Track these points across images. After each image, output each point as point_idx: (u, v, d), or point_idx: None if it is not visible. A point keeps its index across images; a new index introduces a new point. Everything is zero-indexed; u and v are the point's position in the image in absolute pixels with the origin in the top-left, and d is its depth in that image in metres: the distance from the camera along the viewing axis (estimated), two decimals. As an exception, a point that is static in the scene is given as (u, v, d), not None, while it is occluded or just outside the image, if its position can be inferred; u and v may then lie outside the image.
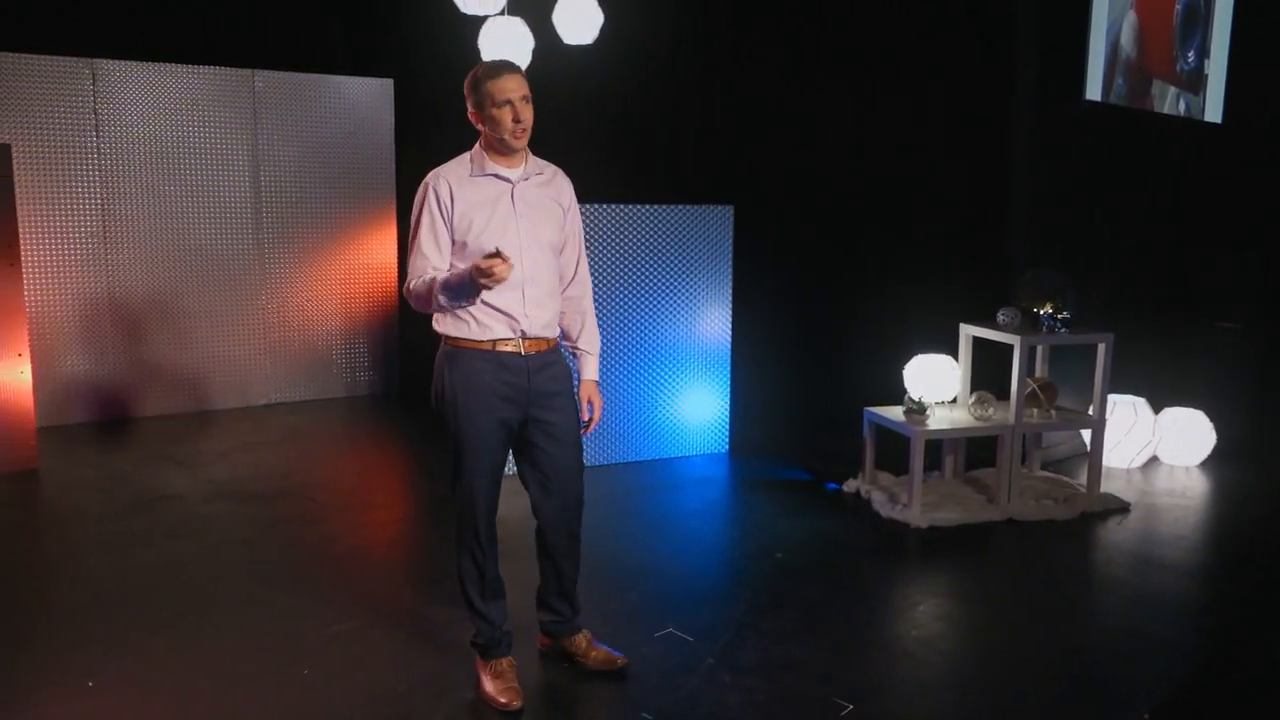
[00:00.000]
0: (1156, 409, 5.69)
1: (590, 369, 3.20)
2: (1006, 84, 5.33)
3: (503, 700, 2.98)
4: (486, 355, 2.91)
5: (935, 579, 4.16)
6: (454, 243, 2.89)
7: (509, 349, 2.92)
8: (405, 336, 7.31)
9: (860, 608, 3.77)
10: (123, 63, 6.21)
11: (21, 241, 5.56)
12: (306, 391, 7.07)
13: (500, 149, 2.90)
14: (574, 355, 3.20)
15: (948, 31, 5.66)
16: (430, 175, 2.92)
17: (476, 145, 2.95)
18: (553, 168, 3.09)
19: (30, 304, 5.93)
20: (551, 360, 3.03)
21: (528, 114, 2.86)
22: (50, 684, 3.10)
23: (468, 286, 2.73)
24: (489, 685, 3.03)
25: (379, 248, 7.18)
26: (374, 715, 2.95)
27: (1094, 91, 5.14)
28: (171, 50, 6.47)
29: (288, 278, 6.90)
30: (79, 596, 3.80)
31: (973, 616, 3.80)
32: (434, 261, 2.87)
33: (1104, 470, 5.37)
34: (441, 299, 2.82)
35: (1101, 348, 4.94)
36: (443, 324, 2.96)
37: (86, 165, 6.17)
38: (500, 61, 2.94)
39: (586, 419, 3.18)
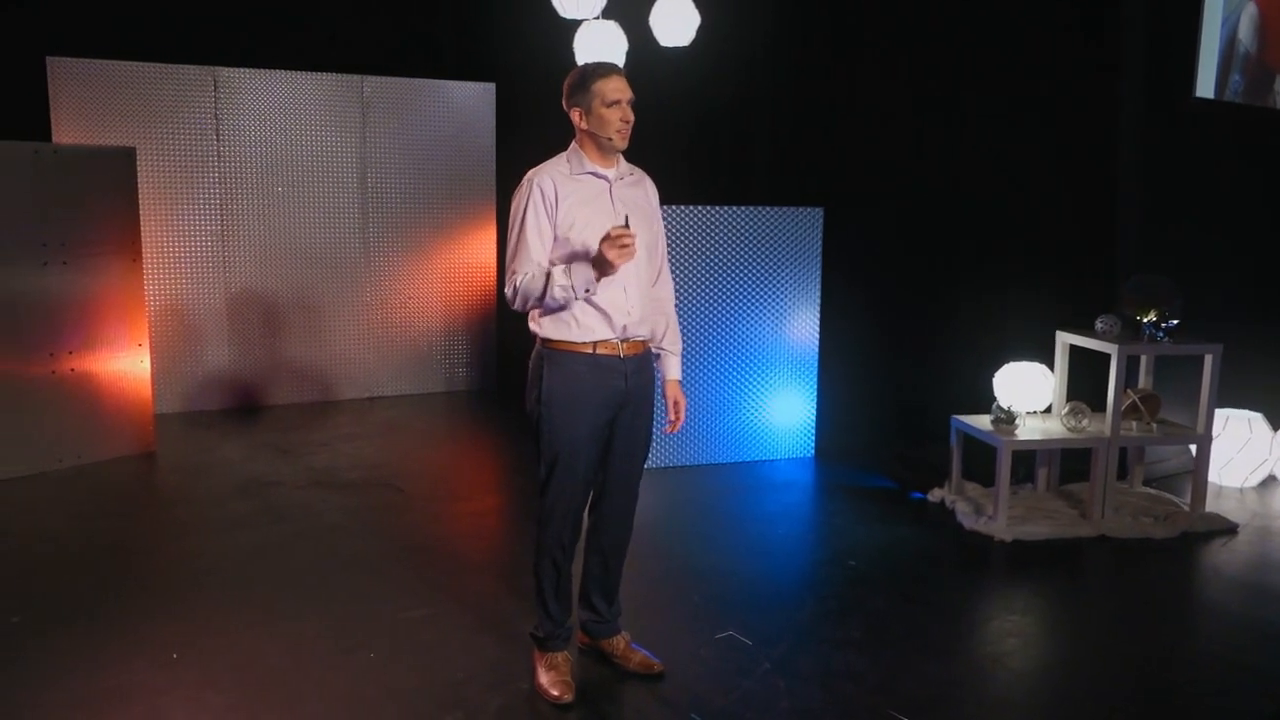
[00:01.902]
0: (1276, 426, 5.35)
1: (675, 369, 3.23)
2: (1111, 80, 5.09)
3: (554, 693, 3.02)
4: (586, 358, 2.94)
5: (1013, 594, 4.01)
6: (555, 240, 2.92)
7: (608, 351, 2.95)
8: (503, 334, 7.48)
9: (930, 619, 3.67)
10: (242, 70, 6.55)
11: (144, 239, 5.92)
12: (407, 386, 7.31)
13: (601, 148, 2.94)
14: (657, 356, 3.22)
15: (1049, 27, 5.45)
16: (531, 173, 2.96)
17: (572, 145, 3.00)
18: (639, 170, 3.13)
19: (151, 298, 6.31)
20: (646, 363, 3.09)
21: (632, 115, 2.93)
22: (138, 654, 3.30)
23: (587, 269, 2.78)
24: (543, 677, 3.08)
25: (479, 247, 7.36)
26: (431, 699, 3.04)
27: (1206, 89, 4.87)
28: (287, 58, 6.79)
29: (392, 276, 7.14)
30: (176, 573, 4.04)
31: (1050, 634, 3.66)
32: (538, 257, 2.90)
33: (1215, 489, 5.11)
34: (556, 291, 2.81)
35: (1209, 359, 4.68)
36: (541, 326, 2.97)
37: (207, 168, 6.53)
38: (607, 63, 3.00)
39: (673, 418, 3.21)
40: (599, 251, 2.76)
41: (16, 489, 5.00)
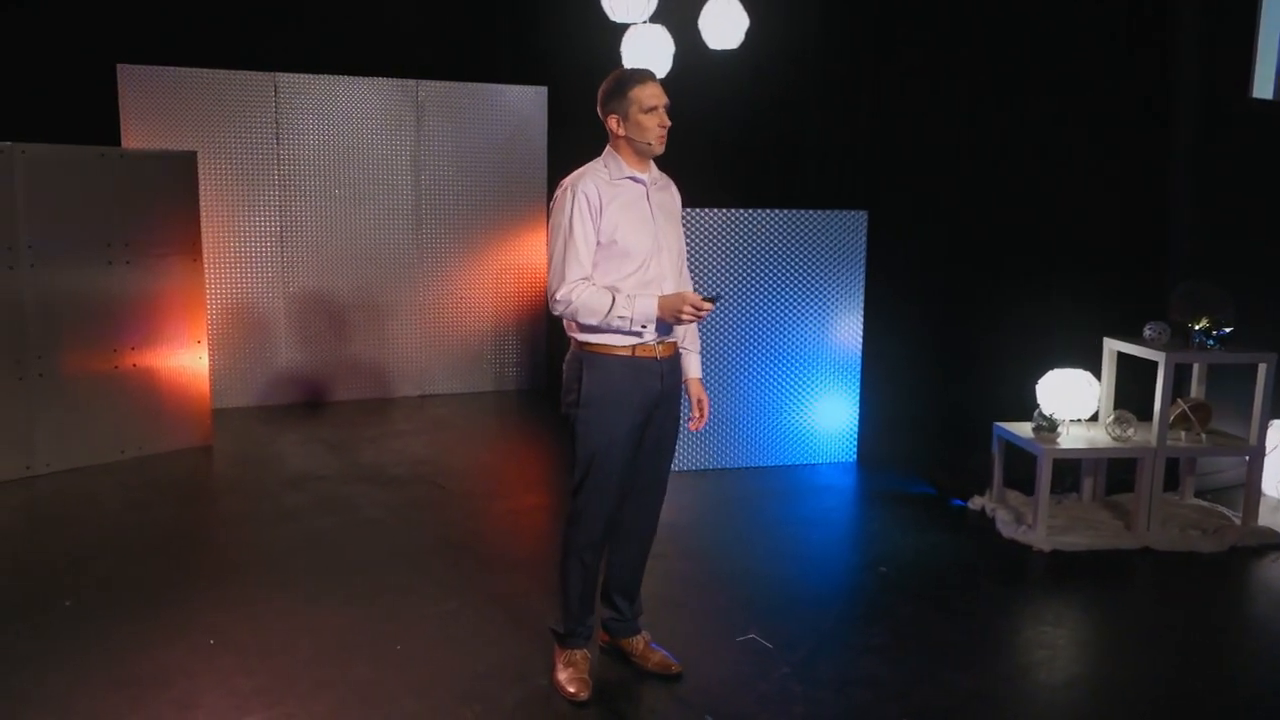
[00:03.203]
0: (1339, 438, 5.15)
1: (696, 367, 3.27)
2: (1162, 80, 4.96)
3: (571, 690, 3.07)
4: (624, 360, 2.98)
5: (1046, 605, 3.94)
6: (598, 245, 2.96)
7: (645, 353, 3.00)
8: (552, 334, 7.56)
9: (957, 628, 3.63)
10: (302, 75, 6.74)
11: (205, 240, 6.13)
12: (458, 385, 7.44)
13: (639, 152, 2.98)
14: (680, 354, 3.25)
15: (1101, 26, 5.32)
16: (571, 180, 2.98)
17: (607, 150, 3.04)
18: (665, 176, 3.17)
19: (211, 297, 6.53)
20: (678, 363, 3.15)
21: (669, 120, 2.98)
22: (177, 639, 3.43)
23: (650, 309, 2.88)
24: (561, 674, 3.13)
25: (531, 248, 7.46)
26: (451, 692, 3.11)
27: (1264, 89, 4.71)
28: (345, 63, 6.96)
29: (445, 277, 7.28)
30: (222, 561, 4.19)
31: (1079, 646, 3.59)
32: (586, 264, 2.93)
33: (1273, 502, 4.97)
34: (614, 320, 2.88)
35: (1262, 368, 4.53)
36: (581, 329, 3.00)
37: (268, 171, 6.73)
38: (642, 69, 3.05)
39: (698, 415, 3.24)
40: (672, 305, 2.87)
41: (81, 478, 5.23)
